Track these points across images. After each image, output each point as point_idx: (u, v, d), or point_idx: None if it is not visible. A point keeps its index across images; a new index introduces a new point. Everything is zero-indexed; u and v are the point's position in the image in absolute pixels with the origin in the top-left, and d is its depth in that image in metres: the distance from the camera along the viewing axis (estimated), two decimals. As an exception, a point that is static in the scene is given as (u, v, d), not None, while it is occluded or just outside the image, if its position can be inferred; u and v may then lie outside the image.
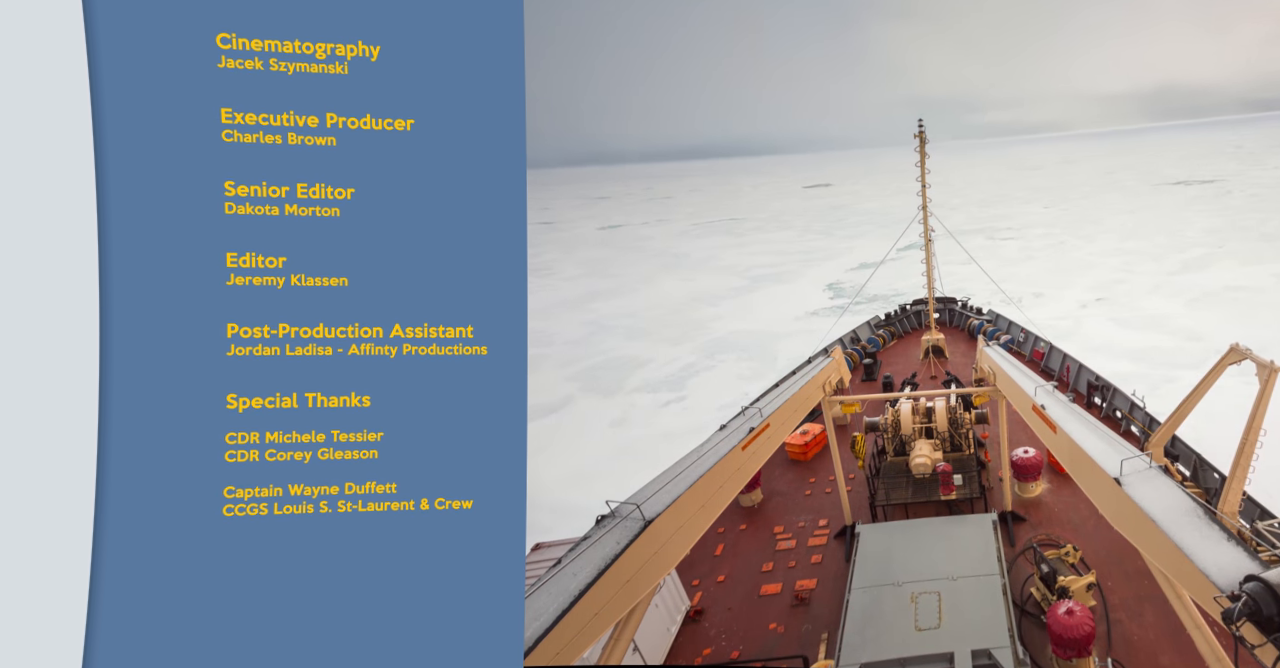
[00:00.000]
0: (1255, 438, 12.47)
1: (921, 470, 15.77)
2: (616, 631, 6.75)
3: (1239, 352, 12.92)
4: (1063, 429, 9.04)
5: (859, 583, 11.85)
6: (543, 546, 13.36)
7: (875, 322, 30.30)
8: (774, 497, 17.48)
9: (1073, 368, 23.74)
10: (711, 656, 12.23)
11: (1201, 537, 5.84)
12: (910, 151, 23.88)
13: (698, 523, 7.82)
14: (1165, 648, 11.40)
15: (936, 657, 9.89)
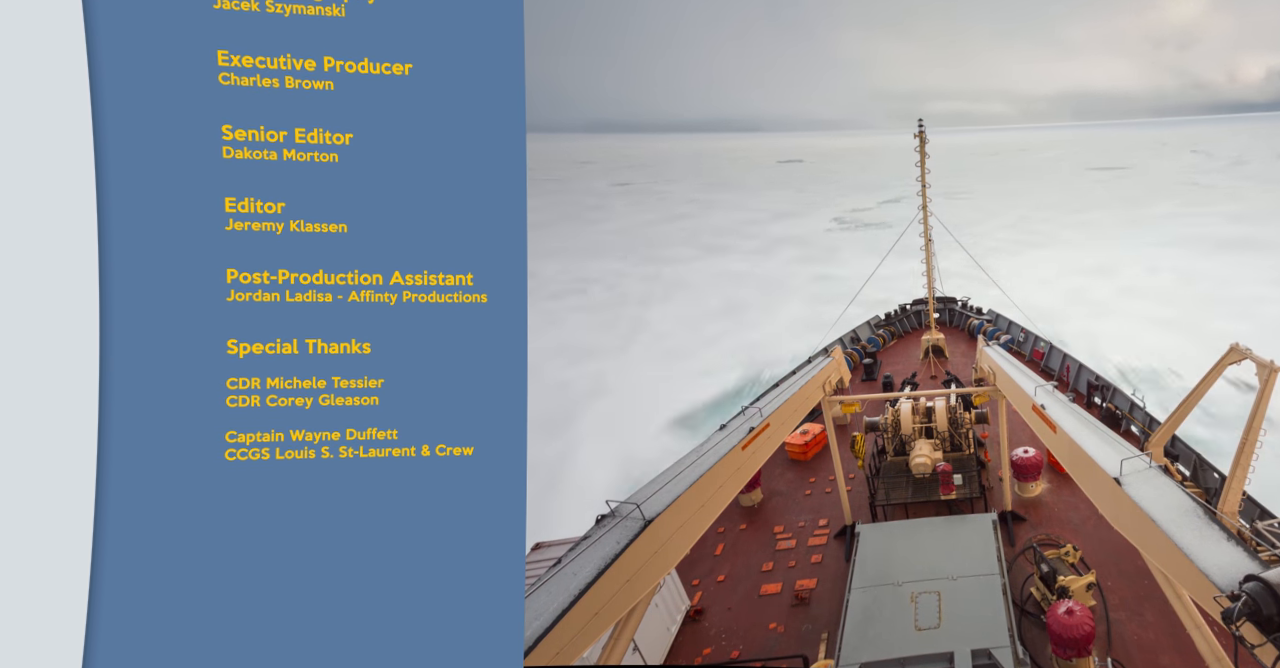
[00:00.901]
0: (1255, 438, 12.45)
1: (921, 470, 15.76)
2: (616, 630, 6.75)
3: (1239, 352, 12.90)
4: (1063, 429, 9.04)
5: (859, 583, 11.85)
6: (543, 545, 13.35)
7: (875, 321, 30.29)
8: (774, 497, 17.47)
9: (1073, 368, 23.75)
10: (711, 655, 12.22)
11: (1201, 537, 5.84)
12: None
13: (698, 523, 7.82)
14: (1165, 648, 11.40)
15: (936, 657, 9.89)
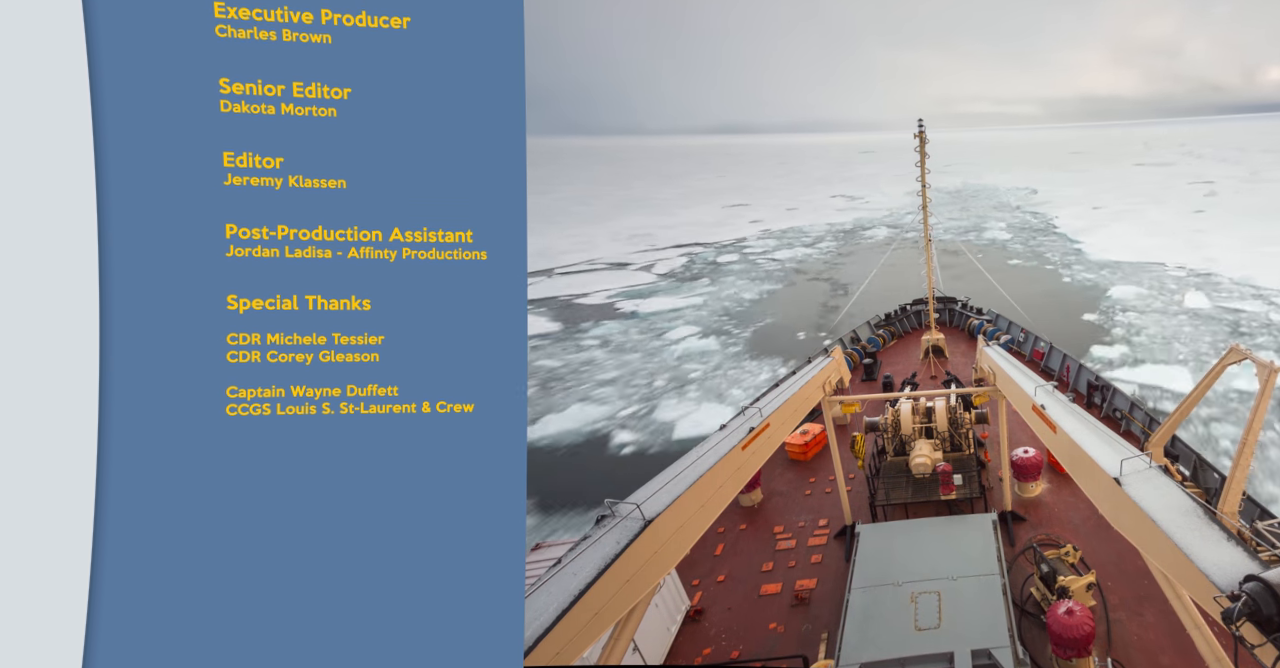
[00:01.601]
0: (1255, 438, 12.45)
1: (921, 470, 15.76)
2: (616, 631, 6.75)
3: (1239, 352, 12.91)
4: (1063, 429, 9.04)
5: (859, 583, 11.85)
6: (543, 545, 13.35)
7: (875, 321, 30.30)
8: (774, 497, 17.47)
9: (1073, 368, 23.74)
10: (711, 655, 12.22)
11: (1201, 537, 5.84)
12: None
13: (698, 523, 7.82)
14: (1165, 648, 11.40)
15: (936, 657, 9.89)
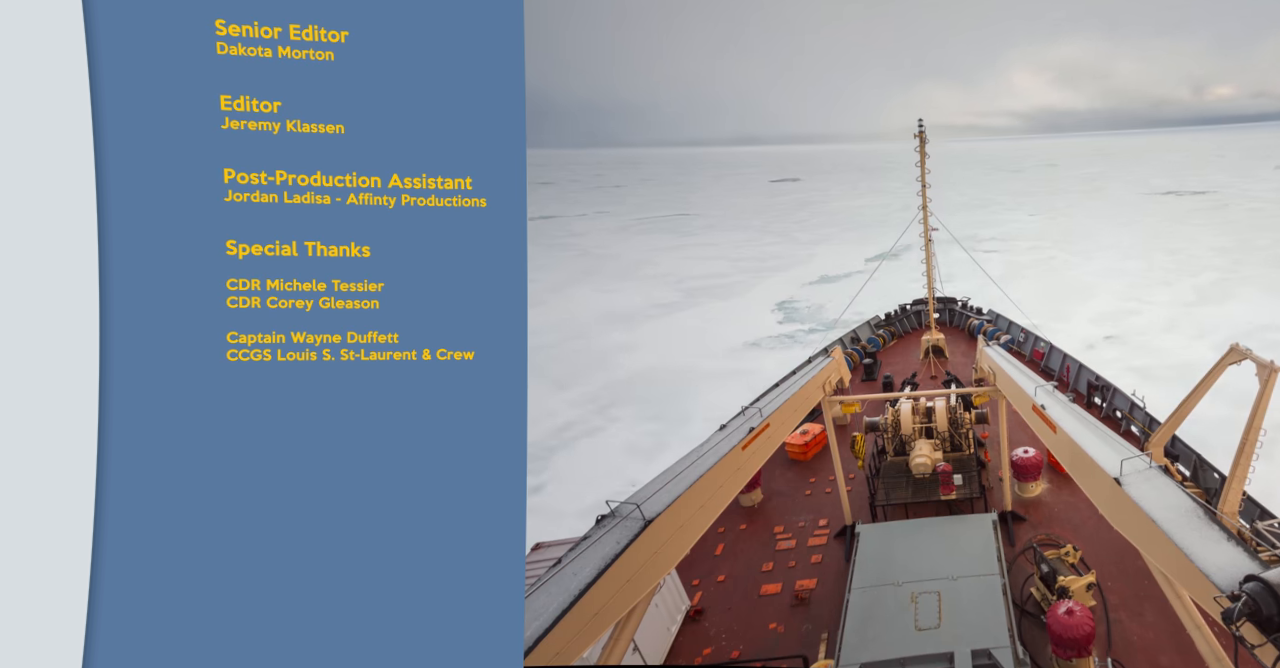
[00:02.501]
0: (1255, 438, 12.46)
1: (921, 470, 15.76)
2: (616, 630, 6.74)
3: (1239, 352, 12.91)
4: (1063, 429, 9.04)
5: (859, 583, 11.85)
6: (543, 545, 13.35)
7: (875, 322, 30.30)
8: (774, 497, 17.47)
9: (1073, 368, 23.74)
10: (711, 655, 12.22)
11: (1201, 537, 5.83)
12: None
13: (698, 523, 7.82)
14: (1165, 648, 11.40)
15: (936, 657, 9.89)
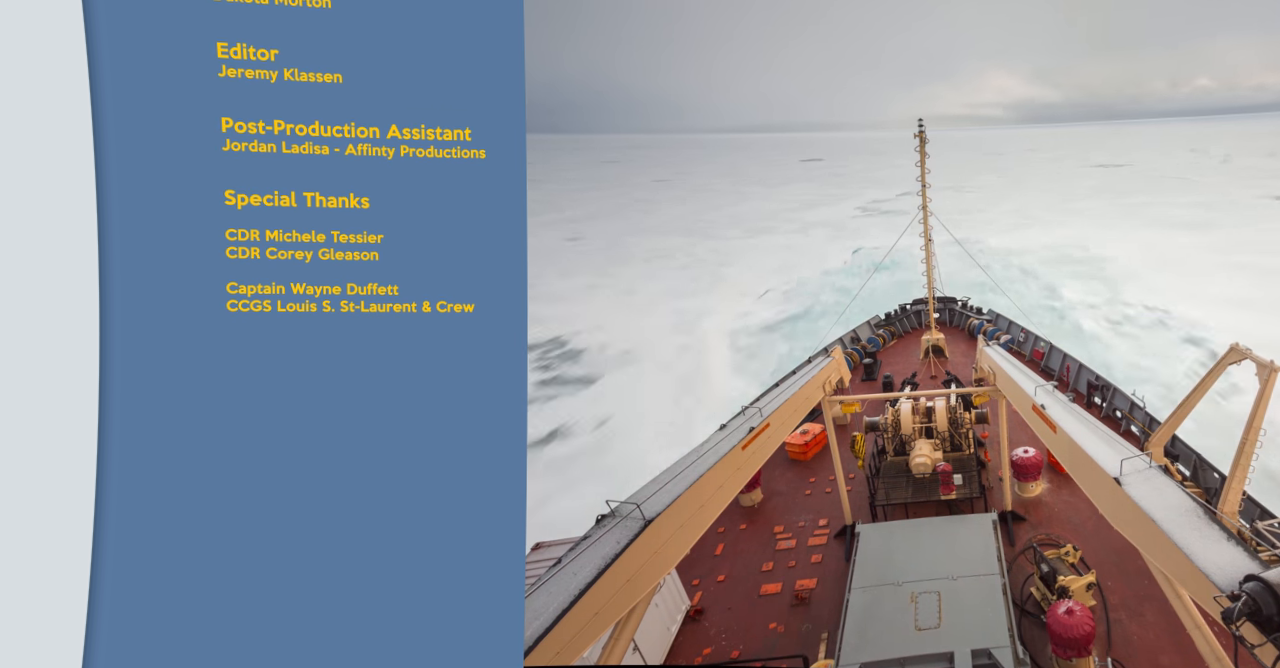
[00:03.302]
0: (1255, 438, 12.45)
1: (921, 470, 15.76)
2: (616, 630, 6.74)
3: (1239, 351, 12.90)
4: (1063, 429, 9.04)
5: (859, 583, 11.85)
6: (543, 545, 13.34)
7: (875, 321, 30.29)
8: (774, 497, 17.46)
9: (1073, 368, 23.73)
10: (711, 655, 12.22)
11: (1201, 537, 5.83)
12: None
13: (698, 523, 7.81)
14: (1165, 648, 11.40)
15: (936, 657, 9.89)
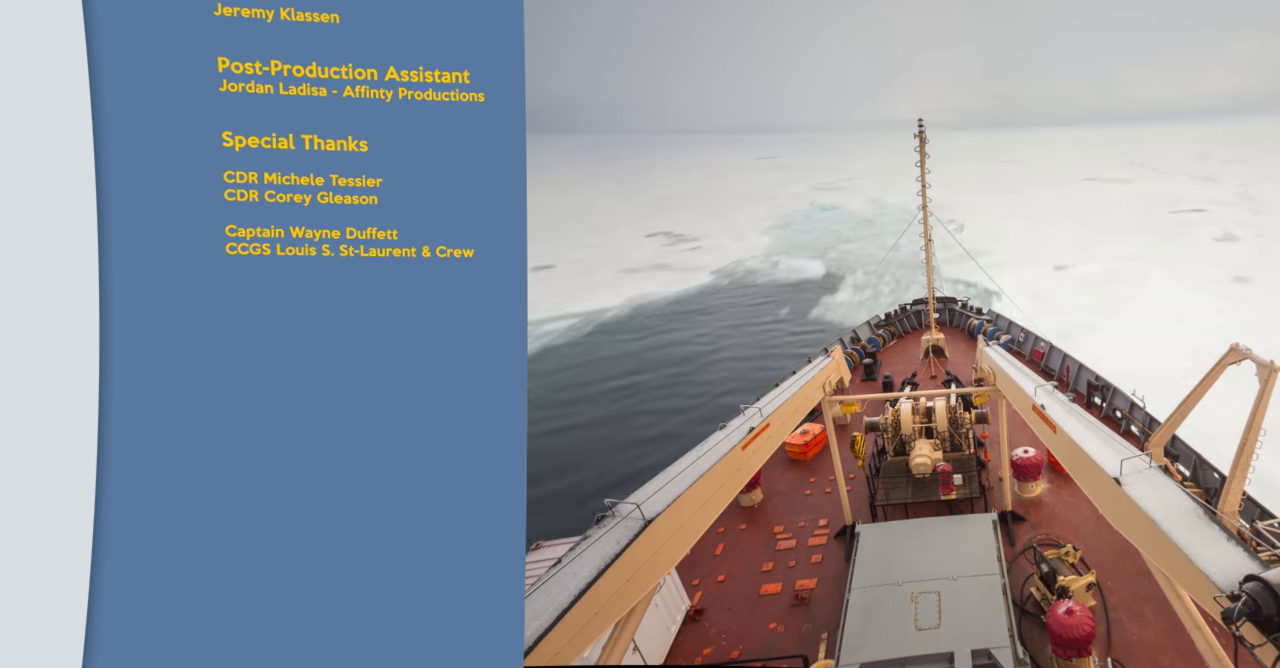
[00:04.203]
0: (1255, 438, 12.45)
1: (921, 470, 15.76)
2: (616, 630, 6.74)
3: (1239, 352, 12.90)
4: (1063, 429, 9.04)
5: (859, 583, 11.85)
6: (543, 545, 13.35)
7: (875, 321, 30.29)
8: (774, 497, 17.46)
9: (1073, 368, 23.73)
10: (711, 655, 12.22)
11: (1201, 537, 5.83)
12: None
13: (698, 523, 7.82)
14: (1165, 648, 11.40)
15: (936, 657, 9.89)
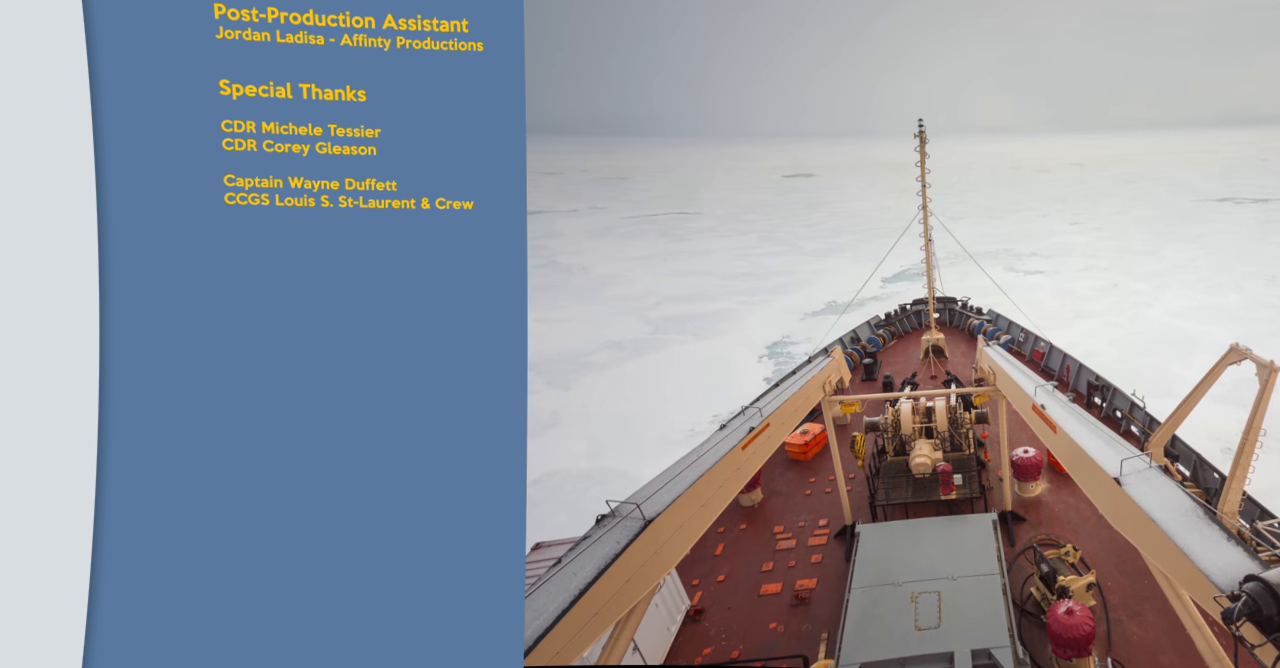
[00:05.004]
0: (1255, 438, 12.45)
1: (921, 470, 15.76)
2: (616, 630, 6.74)
3: (1239, 352, 12.90)
4: (1063, 429, 9.04)
5: (859, 583, 11.85)
6: (543, 545, 13.35)
7: (875, 321, 30.29)
8: (774, 497, 17.47)
9: (1073, 368, 23.74)
10: (711, 655, 12.22)
11: (1201, 537, 5.83)
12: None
13: (698, 523, 7.82)
14: (1165, 648, 11.40)
15: (936, 657, 9.89)
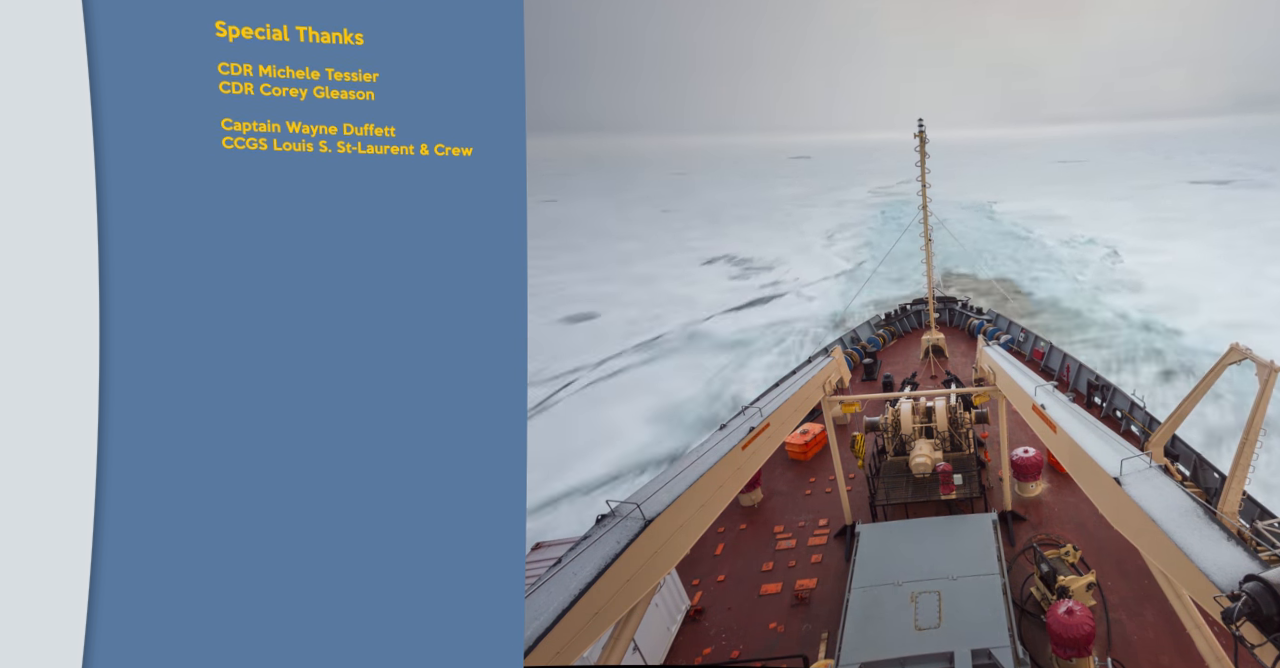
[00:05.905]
0: (1255, 438, 12.44)
1: (921, 470, 15.76)
2: (616, 630, 6.75)
3: (1239, 351, 12.89)
4: (1063, 429, 9.04)
5: (859, 583, 11.86)
6: (543, 545, 13.35)
7: (875, 321, 30.30)
8: (774, 496, 17.47)
9: (1073, 368, 23.74)
10: (711, 655, 12.22)
11: (1201, 537, 5.84)
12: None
13: (698, 523, 7.82)
14: (1165, 648, 11.40)
15: (936, 656, 9.89)
